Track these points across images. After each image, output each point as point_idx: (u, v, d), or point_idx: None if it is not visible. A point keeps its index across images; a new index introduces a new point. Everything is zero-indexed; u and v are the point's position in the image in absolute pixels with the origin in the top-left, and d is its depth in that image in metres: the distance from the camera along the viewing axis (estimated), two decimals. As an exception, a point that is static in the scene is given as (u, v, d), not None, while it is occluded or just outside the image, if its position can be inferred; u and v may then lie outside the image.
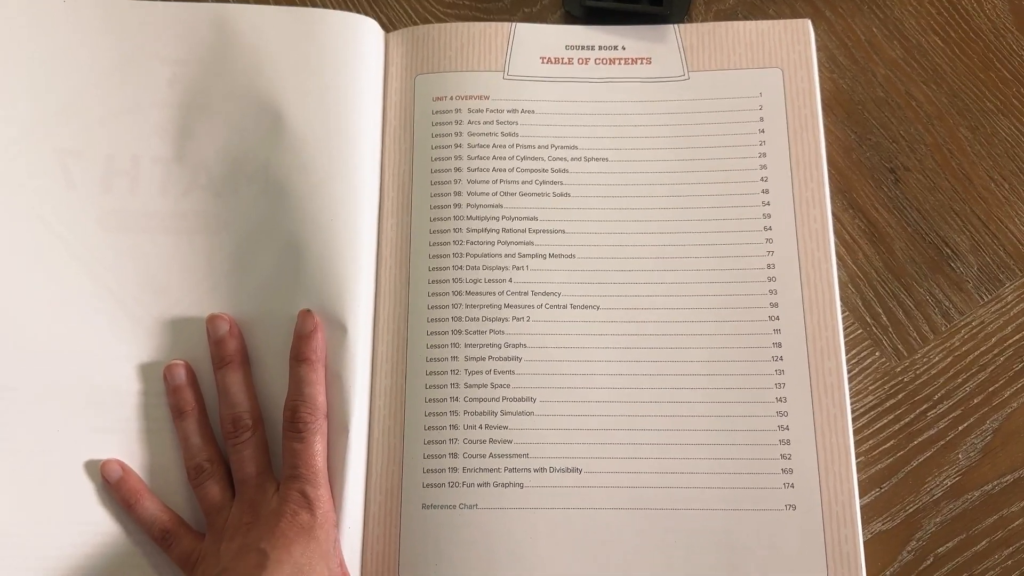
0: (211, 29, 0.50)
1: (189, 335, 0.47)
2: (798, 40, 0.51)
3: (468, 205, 0.49)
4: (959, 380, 0.47)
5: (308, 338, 0.45)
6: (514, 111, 0.51)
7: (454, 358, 0.47)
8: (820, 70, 0.51)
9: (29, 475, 0.45)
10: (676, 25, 0.52)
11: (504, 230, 0.49)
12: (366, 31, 0.51)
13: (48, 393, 0.46)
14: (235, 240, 0.48)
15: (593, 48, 0.52)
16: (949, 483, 0.46)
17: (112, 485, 0.45)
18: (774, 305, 0.47)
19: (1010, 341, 0.47)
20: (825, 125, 0.50)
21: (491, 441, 0.46)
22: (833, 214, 0.49)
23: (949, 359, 0.47)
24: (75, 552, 0.44)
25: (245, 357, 0.46)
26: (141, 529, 0.44)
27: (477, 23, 0.52)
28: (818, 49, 0.51)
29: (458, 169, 0.50)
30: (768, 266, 0.48)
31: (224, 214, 0.48)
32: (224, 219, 0.48)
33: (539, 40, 0.52)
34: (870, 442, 0.46)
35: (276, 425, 0.45)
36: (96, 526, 0.44)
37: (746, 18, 0.52)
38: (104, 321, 0.47)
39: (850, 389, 0.46)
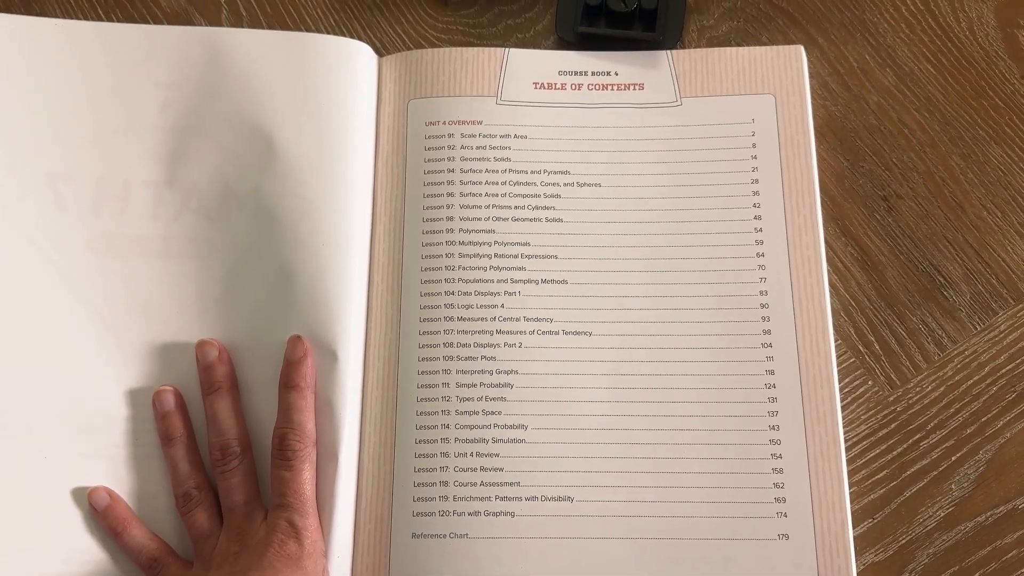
0: (204, 53, 0.50)
1: (178, 360, 0.47)
2: (791, 66, 0.51)
3: (460, 230, 0.49)
4: (952, 410, 0.47)
5: (298, 364, 0.45)
6: (507, 136, 0.51)
7: (445, 384, 0.47)
8: (812, 97, 0.51)
9: (16, 502, 0.44)
10: (669, 51, 0.52)
11: (496, 255, 0.48)
12: (359, 56, 0.51)
13: (36, 418, 0.45)
14: (226, 265, 0.48)
15: (586, 74, 0.52)
16: (942, 514, 0.45)
17: (99, 513, 0.44)
18: (767, 332, 0.47)
19: (1003, 371, 0.47)
20: (817, 152, 0.50)
21: (482, 469, 0.45)
22: (825, 241, 0.48)
23: (942, 388, 0.47)
24: (61, 581, 0.43)
25: (234, 383, 0.46)
26: (128, 557, 0.44)
27: (470, 48, 0.52)
28: (810, 76, 0.51)
29: (450, 194, 0.50)
30: (761, 292, 0.47)
31: (215, 239, 0.48)
32: (215, 244, 0.48)
33: (532, 65, 0.52)
34: (863, 472, 0.46)
35: (265, 452, 0.45)
36: (83, 554, 0.44)
37: (738, 44, 0.53)
38: (93, 345, 0.47)
39: (843, 418, 0.46)
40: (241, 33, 0.51)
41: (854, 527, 0.44)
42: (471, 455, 0.45)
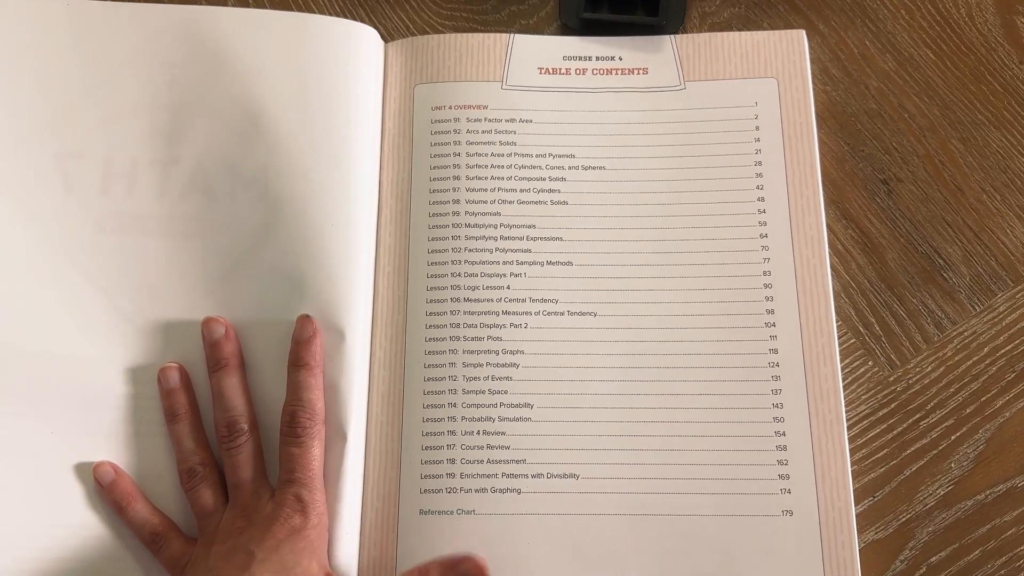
0: (211, 32, 0.50)
1: (184, 339, 0.47)
2: (793, 50, 0.52)
3: (466, 213, 0.49)
4: (952, 390, 0.47)
5: (307, 343, 0.45)
6: (512, 120, 0.51)
7: (452, 364, 0.47)
8: (813, 83, 0.52)
9: (21, 477, 0.44)
10: (672, 36, 0.52)
11: (502, 237, 0.49)
12: (366, 39, 0.51)
13: (42, 395, 0.45)
14: (231, 244, 0.48)
15: (590, 59, 0.52)
16: (942, 492, 0.46)
17: (104, 488, 0.44)
18: (770, 312, 0.47)
19: (1002, 351, 0.48)
20: (819, 137, 0.51)
21: (489, 447, 0.46)
22: (826, 224, 0.49)
23: (942, 369, 0.48)
24: (65, 555, 0.44)
25: (241, 361, 0.46)
26: (132, 532, 0.44)
27: (476, 34, 0.52)
28: (812, 62, 0.52)
29: (456, 177, 0.50)
30: (764, 273, 0.48)
31: (221, 218, 0.48)
32: (221, 223, 0.48)
33: (537, 51, 0.52)
34: (863, 451, 0.46)
35: (269, 431, 0.45)
36: (87, 528, 0.44)
37: (740, 30, 0.53)
38: (100, 323, 0.47)
39: (844, 399, 0.46)
40: (249, 13, 0.51)
41: (855, 505, 0.45)
42: (478, 433, 0.46)
